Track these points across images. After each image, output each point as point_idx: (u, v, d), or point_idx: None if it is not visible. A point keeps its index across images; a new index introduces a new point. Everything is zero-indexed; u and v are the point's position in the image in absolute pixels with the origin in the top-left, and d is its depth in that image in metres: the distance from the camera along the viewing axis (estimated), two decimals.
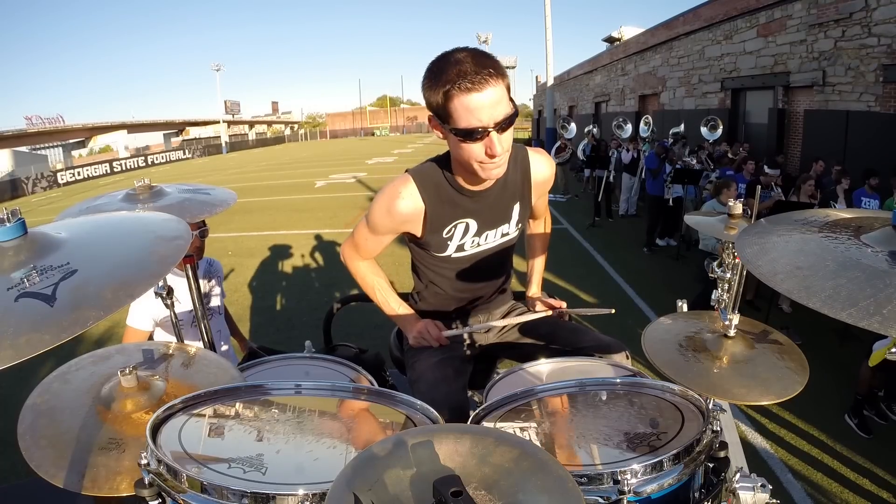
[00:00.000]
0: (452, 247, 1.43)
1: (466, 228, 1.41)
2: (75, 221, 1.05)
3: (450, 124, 1.16)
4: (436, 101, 1.15)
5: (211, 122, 50.36)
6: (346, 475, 0.64)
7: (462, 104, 1.12)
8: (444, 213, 1.37)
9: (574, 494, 0.62)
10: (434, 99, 1.15)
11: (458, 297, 1.59)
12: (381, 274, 1.60)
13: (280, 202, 13.22)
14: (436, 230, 1.39)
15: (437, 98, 1.14)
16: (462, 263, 1.49)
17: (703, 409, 1.01)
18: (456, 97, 1.11)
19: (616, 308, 1.71)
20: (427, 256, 1.51)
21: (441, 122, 1.19)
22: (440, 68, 1.14)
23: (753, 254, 0.86)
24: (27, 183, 23.09)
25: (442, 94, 1.13)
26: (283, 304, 5.82)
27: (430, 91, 1.15)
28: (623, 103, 18.15)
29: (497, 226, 1.45)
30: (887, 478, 2.82)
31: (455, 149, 1.22)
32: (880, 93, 7.73)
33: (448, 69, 1.12)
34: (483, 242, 1.45)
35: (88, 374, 1.12)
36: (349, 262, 1.59)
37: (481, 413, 1.05)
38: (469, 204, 1.38)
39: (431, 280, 1.56)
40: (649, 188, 8.01)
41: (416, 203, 1.35)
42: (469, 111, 1.12)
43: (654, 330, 1.29)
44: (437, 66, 1.15)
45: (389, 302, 1.58)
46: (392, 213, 1.37)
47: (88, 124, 38.28)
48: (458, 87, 1.10)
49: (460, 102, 1.12)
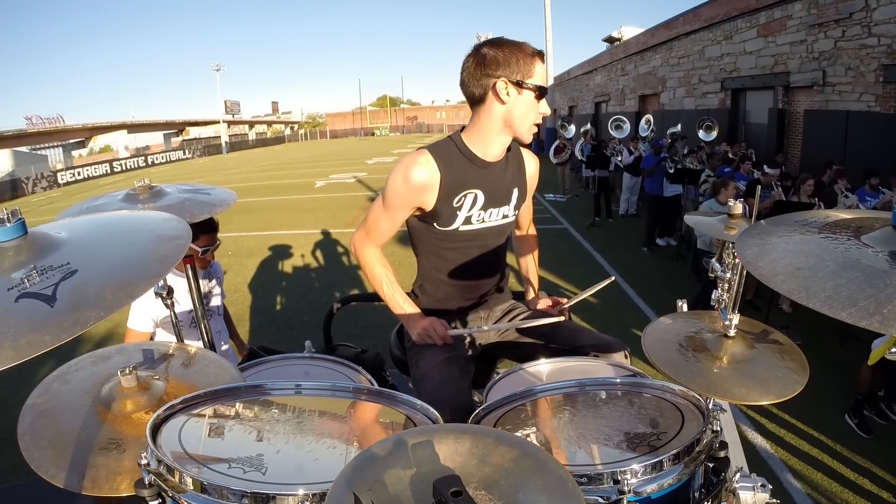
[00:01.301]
0: (461, 218, 1.51)
1: (475, 200, 1.51)
2: (75, 221, 1.05)
3: (531, 81, 1.42)
4: (522, 65, 1.40)
5: (211, 122, 50.36)
6: (346, 475, 0.64)
7: (541, 69, 1.43)
8: (456, 182, 1.48)
9: (574, 494, 0.62)
10: (521, 63, 1.40)
11: (458, 286, 1.60)
12: (388, 267, 1.61)
13: (280, 202, 13.22)
14: (447, 199, 1.48)
15: (523, 62, 1.40)
16: (466, 241, 1.55)
17: (703, 408, 1.01)
18: (539, 63, 1.43)
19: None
20: (432, 236, 1.54)
21: (518, 83, 1.41)
22: (514, 44, 1.42)
23: (754, 255, 0.86)
24: (27, 183, 23.09)
25: (529, 58, 1.41)
26: (283, 304, 5.82)
27: (514, 57, 1.39)
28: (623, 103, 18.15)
29: (500, 205, 1.56)
30: (887, 477, 2.82)
31: (520, 104, 1.44)
32: (880, 93, 7.73)
33: (523, 46, 1.42)
34: (487, 219, 1.55)
35: (88, 374, 1.12)
36: (359, 249, 1.61)
37: (481, 413, 1.05)
38: (479, 174, 1.51)
39: (434, 266, 1.59)
40: (647, 187, 8.03)
41: (433, 171, 1.46)
42: (544, 75, 1.44)
43: (654, 330, 1.29)
44: (507, 43, 1.42)
45: (395, 297, 1.59)
46: (409, 181, 1.45)
47: (88, 124, 38.28)
48: (540, 56, 1.44)
49: (540, 67, 1.43)
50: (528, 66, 1.41)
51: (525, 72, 1.40)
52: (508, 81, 1.40)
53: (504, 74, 1.40)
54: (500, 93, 1.41)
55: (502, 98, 1.42)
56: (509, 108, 1.44)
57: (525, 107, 1.44)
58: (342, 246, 8.20)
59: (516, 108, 1.44)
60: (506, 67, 1.39)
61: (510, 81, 1.40)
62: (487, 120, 1.47)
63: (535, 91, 1.42)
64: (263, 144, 52.40)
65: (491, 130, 1.48)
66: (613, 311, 5.21)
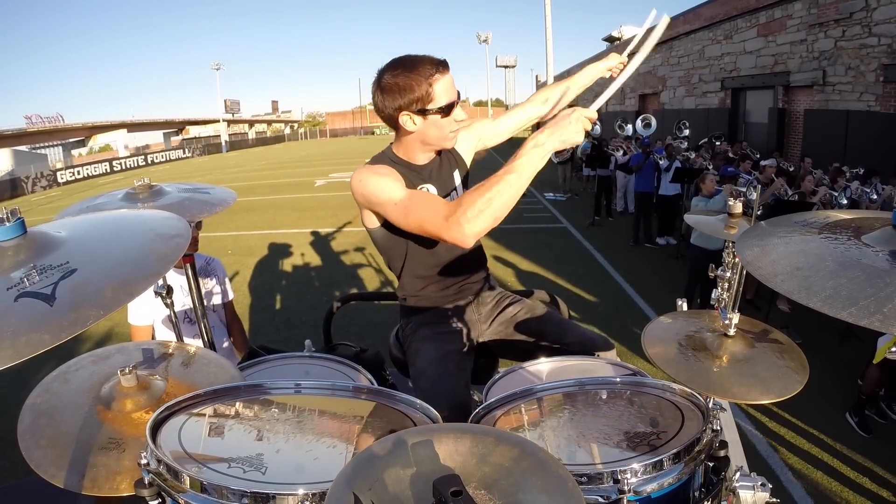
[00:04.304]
0: None
1: (429, 191, 1.52)
2: (75, 220, 1.05)
3: (433, 105, 1.38)
4: (420, 93, 1.35)
5: (211, 121, 50.26)
6: (346, 475, 0.64)
7: (444, 84, 1.38)
8: (409, 179, 1.48)
9: (574, 494, 0.62)
10: (418, 91, 1.35)
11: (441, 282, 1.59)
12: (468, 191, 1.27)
13: (280, 201, 13.21)
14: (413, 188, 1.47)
15: (420, 87, 1.35)
16: None
17: (703, 408, 1.01)
18: (440, 78, 1.37)
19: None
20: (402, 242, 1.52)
21: (421, 111, 1.38)
22: (411, 68, 1.36)
23: (754, 255, 0.86)
24: (27, 182, 23.06)
25: (427, 81, 1.35)
26: (283, 303, 5.82)
27: (411, 84, 1.35)
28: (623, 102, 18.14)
29: (449, 191, 1.58)
30: (887, 476, 2.82)
31: (430, 128, 1.42)
32: (880, 92, 7.74)
33: (418, 66, 1.35)
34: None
35: (88, 373, 1.12)
36: (458, 224, 1.21)
37: (481, 412, 1.05)
38: (421, 174, 1.53)
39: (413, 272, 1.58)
40: (636, 185, 8.17)
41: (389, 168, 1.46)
42: (449, 87, 1.39)
43: (654, 329, 1.29)
44: (404, 68, 1.36)
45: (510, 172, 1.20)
46: (379, 170, 1.43)
47: (88, 123, 38.20)
48: (441, 68, 1.37)
49: (443, 82, 1.37)
50: (427, 91, 1.35)
51: (425, 98, 1.36)
52: (410, 113, 1.39)
53: (404, 106, 1.38)
54: (405, 125, 1.42)
55: (409, 129, 1.42)
56: (420, 133, 1.44)
57: (435, 128, 1.42)
58: (342, 245, 8.20)
59: (428, 132, 1.43)
60: (406, 96, 1.36)
61: (412, 112, 1.39)
62: (406, 141, 1.49)
63: (440, 114, 1.39)
64: (263, 143, 52.32)
65: (413, 148, 1.50)
66: (613, 310, 5.21)
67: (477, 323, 1.67)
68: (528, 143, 1.21)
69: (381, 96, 1.40)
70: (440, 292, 1.61)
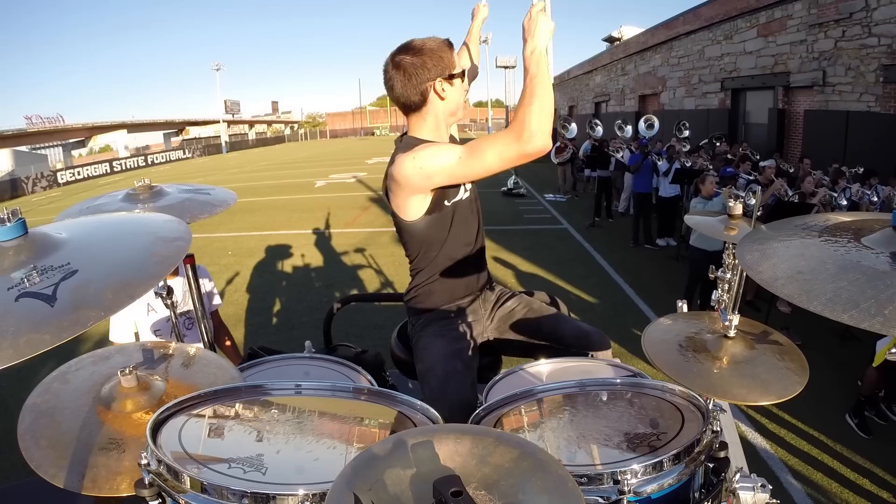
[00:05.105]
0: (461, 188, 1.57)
1: None
2: (76, 222, 1.05)
3: (458, 70, 1.51)
4: (447, 60, 1.48)
5: (211, 121, 50.28)
6: (346, 475, 0.64)
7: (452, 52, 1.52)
8: None
9: (574, 494, 0.62)
10: (446, 59, 1.48)
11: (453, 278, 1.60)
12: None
13: (280, 202, 13.21)
14: None
15: (444, 56, 1.48)
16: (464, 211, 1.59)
17: (703, 409, 1.01)
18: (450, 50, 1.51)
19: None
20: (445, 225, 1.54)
21: (450, 76, 1.50)
22: (428, 44, 1.48)
23: (754, 259, 0.87)
24: (27, 182, 23.06)
25: (446, 50, 1.49)
26: (283, 304, 5.82)
27: (435, 56, 1.46)
28: (623, 103, 18.16)
29: None
30: (887, 478, 2.82)
31: (457, 93, 1.54)
32: (880, 93, 7.74)
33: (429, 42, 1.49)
34: (469, 187, 1.61)
35: (88, 374, 1.12)
36: (521, 134, 1.29)
37: (481, 413, 1.05)
38: None
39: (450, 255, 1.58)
40: (634, 186, 8.19)
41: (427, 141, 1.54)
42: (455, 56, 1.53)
43: (654, 330, 1.29)
44: (422, 45, 1.47)
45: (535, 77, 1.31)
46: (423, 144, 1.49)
47: (88, 124, 38.21)
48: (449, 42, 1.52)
49: (452, 51, 1.52)
50: (450, 58, 1.50)
51: (450, 65, 1.50)
52: (443, 80, 1.49)
53: (436, 75, 1.48)
54: (439, 93, 1.51)
55: (441, 96, 1.52)
56: (448, 101, 1.54)
57: (458, 93, 1.56)
58: (342, 246, 8.20)
59: (456, 98, 1.56)
60: (437, 66, 1.47)
61: (444, 79, 1.50)
62: (433, 117, 1.55)
63: (461, 77, 1.53)
64: (263, 144, 52.32)
65: (440, 124, 1.57)
66: (613, 311, 5.21)
67: (481, 319, 1.68)
68: (527, 59, 1.35)
69: (405, 77, 1.47)
70: (451, 290, 1.62)
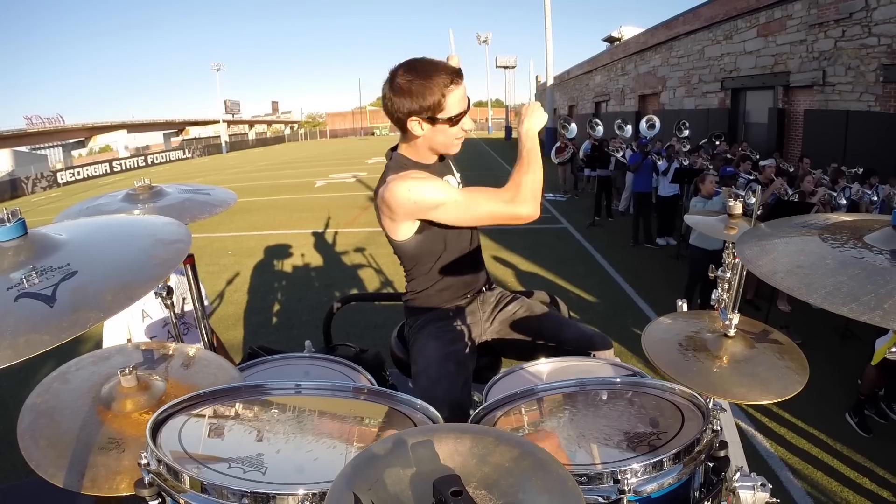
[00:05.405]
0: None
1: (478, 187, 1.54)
2: (76, 223, 1.05)
3: (443, 115, 1.41)
4: (433, 101, 1.38)
5: (211, 121, 50.27)
6: (346, 475, 0.64)
7: (457, 94, 1.41)
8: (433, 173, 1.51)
9: (574, 494, 0.62)
10: (430, 100, 1.38)
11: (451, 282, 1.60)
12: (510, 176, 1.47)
13: (280, 202, 13.21)
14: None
15: (434, 98, 1.38)
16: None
17: (703, 408, 1.01)
18: (455, 88, 1.40)
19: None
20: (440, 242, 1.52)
21: (431, 119, 1.41)
22: (427, 73, 1.38)
23: (754, 254, 0.87)
24: (27, 183, 23.06)
25: (441, 90, 1.38)
26: (283, 304, 5.82)
27: (425, 90, 1.37)
28: (623, 103, 18.15)
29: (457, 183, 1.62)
30: (887, 476, 2.82)
31: (437, 135, 1.45)
32: (880, 93, 7.74)
33: (434, 74, 1.38)
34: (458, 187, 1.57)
35: (88, 374, 1.12)
36: (519, 203, 1.40)
37: (481, 412, 1.05)
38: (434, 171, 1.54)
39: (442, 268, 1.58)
40: (634, 185, 8.20)
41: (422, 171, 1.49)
42: (461, 97, 1.42)
43: (654, 329, 1.29)
44: (420, 71, 1.38)
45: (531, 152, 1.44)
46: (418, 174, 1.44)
47: (88, 124, 38.20)
48: (456, 78, 1.40)
49: (457, 93, 1.41)
50: (440, 100, 1.38)
51: (436, 107, 1.39)
52: (420, 119, 1.41)
53: (415, 112, 1.40)
54: (413, 129, 1.44)
55: (416, 133, 1.45)
56: (427, 138, 1.47)
57: (442, 136, 1.45)
58: (342, 245, 8.20)
59: (434, 138, 1.47)
60: (418, 103, 1.38)
61: (422, 119, 1.41)
62: (414, 144, 1.51)
63: (448, 123, 1.42)
64: (263, 144, 52.33)
65: (420, 151, 1.52)
66: (613, 310, 5.21)
67: (480, 321, 1.68)
68: (523, 135, 1.47)
69: (393, 97, 1.41)
70: (449, 292, 1.62)
